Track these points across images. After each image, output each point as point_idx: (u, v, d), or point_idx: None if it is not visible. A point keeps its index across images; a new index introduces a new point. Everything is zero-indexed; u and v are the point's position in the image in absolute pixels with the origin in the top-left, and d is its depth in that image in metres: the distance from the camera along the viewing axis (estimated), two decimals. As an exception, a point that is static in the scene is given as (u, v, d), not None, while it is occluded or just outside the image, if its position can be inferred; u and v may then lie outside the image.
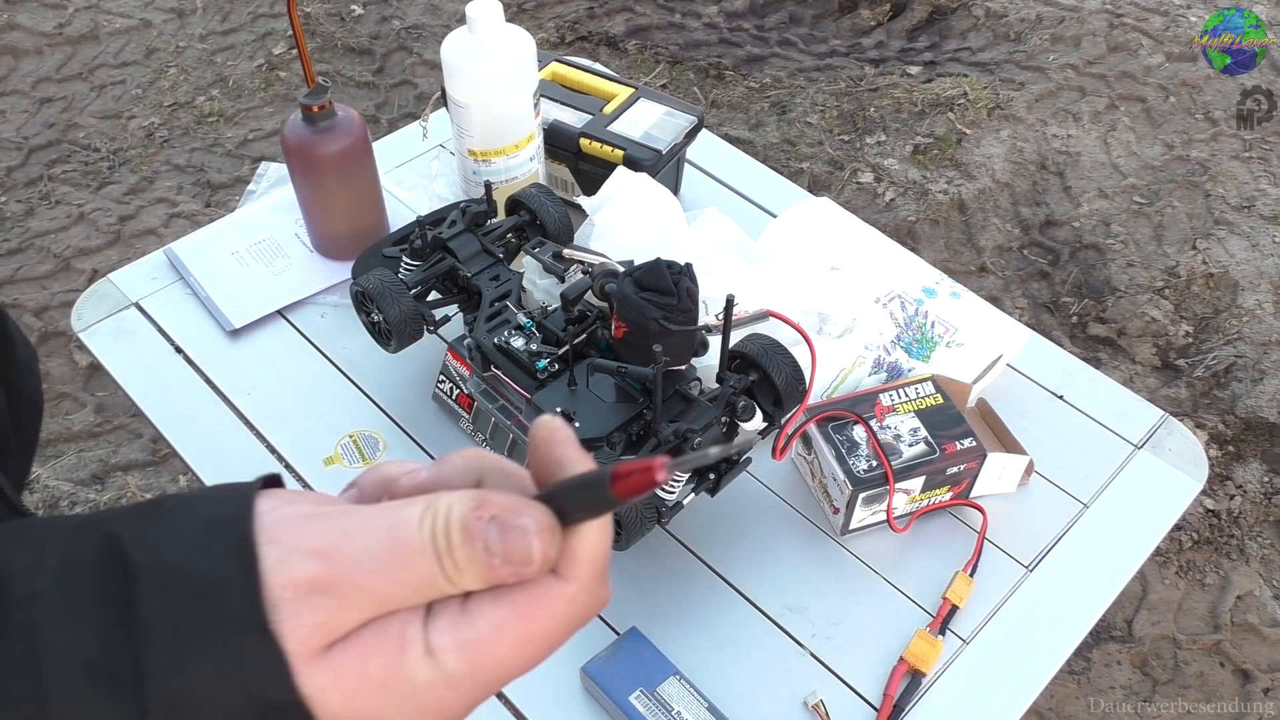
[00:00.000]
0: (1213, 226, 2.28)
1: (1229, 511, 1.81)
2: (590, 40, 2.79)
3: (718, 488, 0.79)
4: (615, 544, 0.74)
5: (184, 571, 0.32)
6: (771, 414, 0.82)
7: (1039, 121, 2.54)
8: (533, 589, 0.33)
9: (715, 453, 0.33)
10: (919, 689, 0.79)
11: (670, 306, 0.75)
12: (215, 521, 0.33)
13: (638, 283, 0.76)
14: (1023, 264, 2.24)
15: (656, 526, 0.83)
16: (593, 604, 0.35)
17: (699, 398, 0.78)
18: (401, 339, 0.88)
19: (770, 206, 1.19)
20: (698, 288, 0.77)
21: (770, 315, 0.86)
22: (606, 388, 0.79)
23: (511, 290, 0.89)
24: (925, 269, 1.05)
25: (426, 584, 0.32)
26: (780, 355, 0.81)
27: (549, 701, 0.78)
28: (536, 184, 0.99)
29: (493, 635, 0.33)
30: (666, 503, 0.76)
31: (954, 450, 0.85)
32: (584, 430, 0.77)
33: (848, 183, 2.40)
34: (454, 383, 0.94)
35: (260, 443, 0.96)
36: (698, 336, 0.78)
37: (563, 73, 1.20)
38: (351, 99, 2.61)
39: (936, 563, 0.87)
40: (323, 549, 0.32)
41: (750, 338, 0.83)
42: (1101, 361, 2.03)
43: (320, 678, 0.32)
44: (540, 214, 0.95)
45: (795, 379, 0.80)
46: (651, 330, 0.74)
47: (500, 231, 0.95)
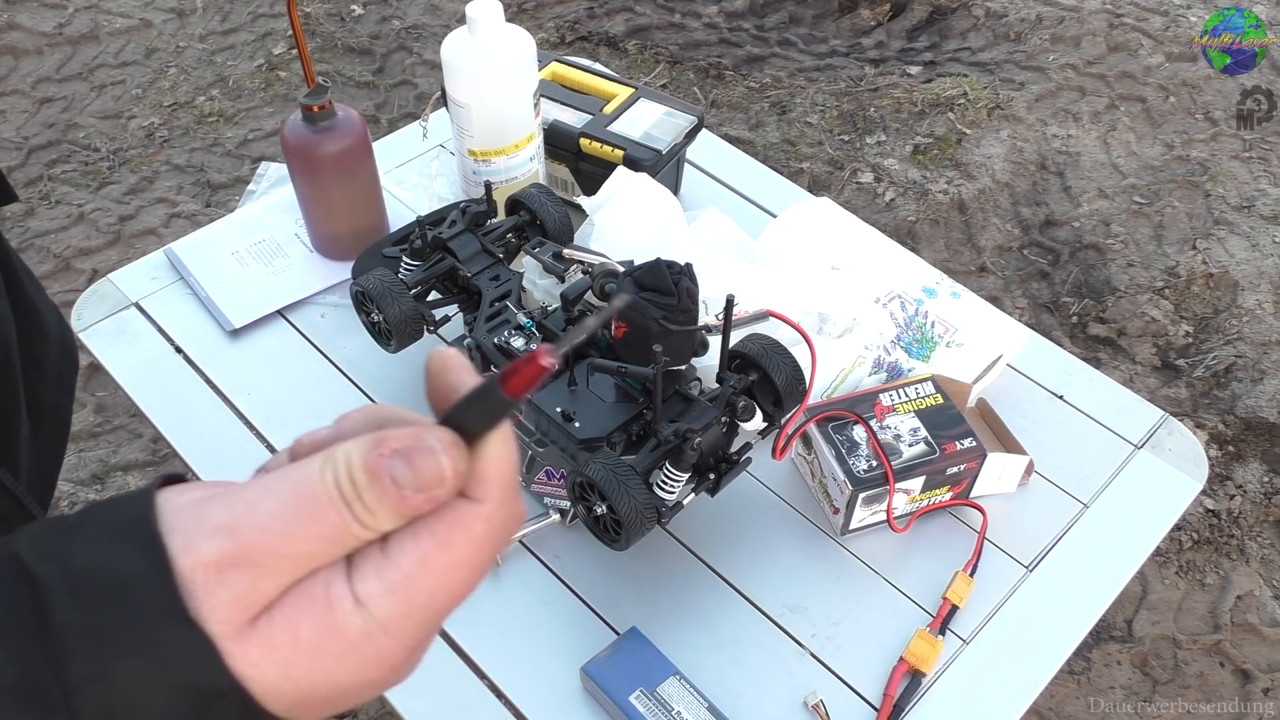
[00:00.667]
0: (1213, 226, 2.28)
1: (1229, 511, 1.81)
2: (590, 40, 2.79)
3: (718, 488, 0.79)
4: (614, 544, 0.74)
5: (94, 577, 0.31)
6: (771, 414, 0.82)
7: (1039, 121, 2.54)
8: (448, 515, 0.33)
9: (592, 324, 0.33)
10: (919, 689, 0.79)
11: (670, 306, 0.75)
12: (118, 524, 0.32)
13: (638, 283, 0.76)
14: (1023, 264, 2.24)
15: (656, 527, 0.83)
16: (510, 520, 0.34)
17: (699, 398, 0.78)
18: (402, 339, 0.88)
19: (770, 206, 1.19)
20: (698, 288, 0.77)
21: (770, 315, 0.86)
22: (606, 388, 0.79)
23: (511, 290, 0.89)
24: (925, 269, 1.05)
25: (341, 534, 0.32)
26: (780, 355, 0.81)
27: (549, 701, 0.78)
28: (536, 184, 0.99)
29: (418, 571, 0.32)
30: (666, 503, 0.75)
31: (954, 450, 0.85)
32: (584, 430, 0.76)
33: (848, 183, 2.41)
34: None
35: (260, 443, 0.96)
36: (698, 336, 0.78)
37: (563, 73, 1.20)
38: (351, 99, 2.61)
39: (936, 563, 0.87)
40: (226, 524, 0.31)
41: (750, 338, 0.83)
42: (1101, 361, 2.03)
43: (251, 654, 0.31)
44: (540, 214, 0.95)
45: (795, 379, 0.80)
46: (651, 330, 0.74)
47: (500, 231, 0.95)
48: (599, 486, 0.71)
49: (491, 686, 0.79)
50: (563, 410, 0.77)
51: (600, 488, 0.71)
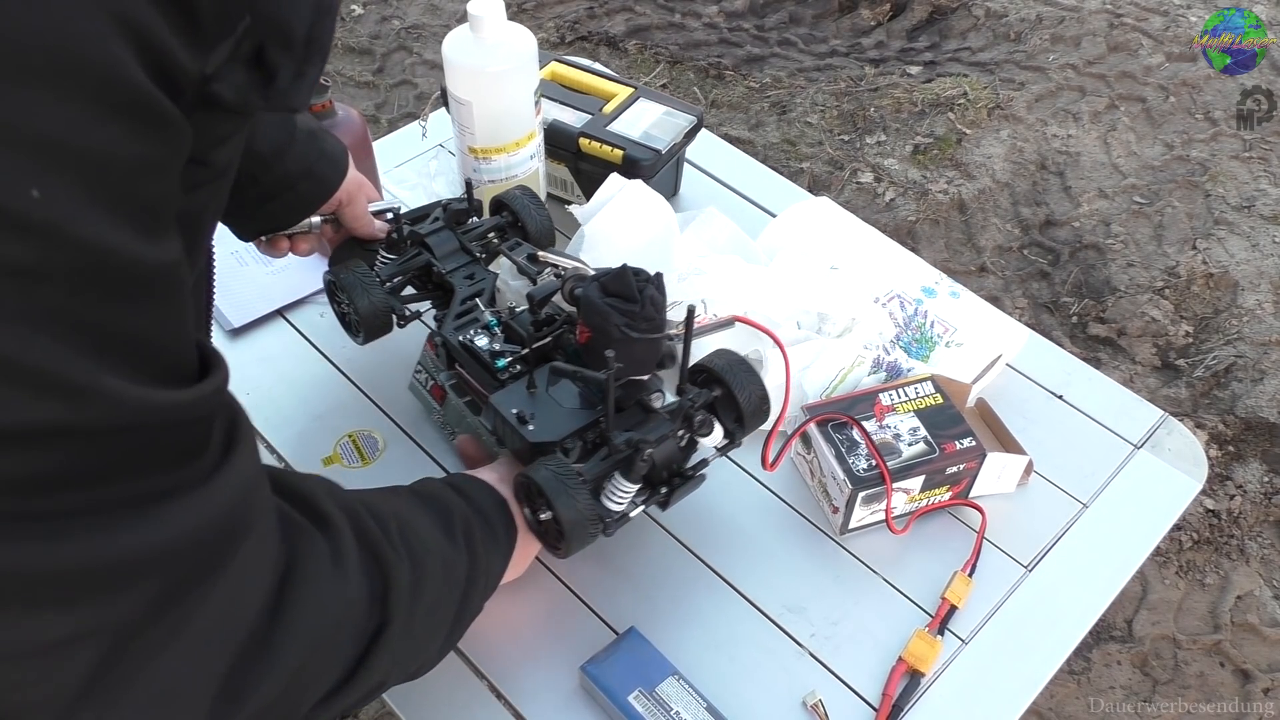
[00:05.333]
0: (1213, 226, 2.28)
1: (1229, 511, 1.81)
2: (590, 40, 2.79)
3: (669, 502, 0.78)
4: (556, 552, 0.73)
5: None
6: (733, 431, 0.80)
7: (1039, 121, 2.54)
8: None
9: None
10: (918, 689, 0.79)
11: (633, 314, 0.73)
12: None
13: (603, 288, 0.74)
14: (1023, 264, 2.24)
15: (656, 527, 0.83)
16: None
17: (659, 410, 0.76)
18: (370, 331, 0.88)
19: (770, 206, 1.19)
20: (664, 297, 0.75)
21: (737, 321, 0.85)
22: (570, 393, 0.78)
23: (485, 290, 0.88)
24: (925, 269, 1.05)
25: None
26: (746, 373, 0.79)
27: (548, 701, 0.78)
28: (521, 186, 0.99)
29: None
30: (612, 513, 0.74)
31: (953, 450, 0.85)
32: (537, 434, 0.74)
33: (848, 183, 2.41)
34: (429, 373, 0.94)
35: (260, 442, 0.96)
36: (664, 348, 0.76)
37: (562, 72, 1.20)
38: (351, 99, 2.61)
39: (935, 563, 0.86)
40: None
41: (718, 353, 0.81)
42: (1101, 361, 2.03)
43: None
44: (522, 215, 0.95)
45: (759, 398, 0.79)
46: (614, 337, 0.73)
47: (481, 231, 0.94)
48: (543, 491, 0.69)
49: (491, 686, 0.79)
50: (518, 412, 0.76)
51: (544, 492, 0.69)
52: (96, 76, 0.36)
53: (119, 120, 0.37)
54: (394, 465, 0.93)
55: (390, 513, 0.63)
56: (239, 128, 0.49)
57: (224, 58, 0.42)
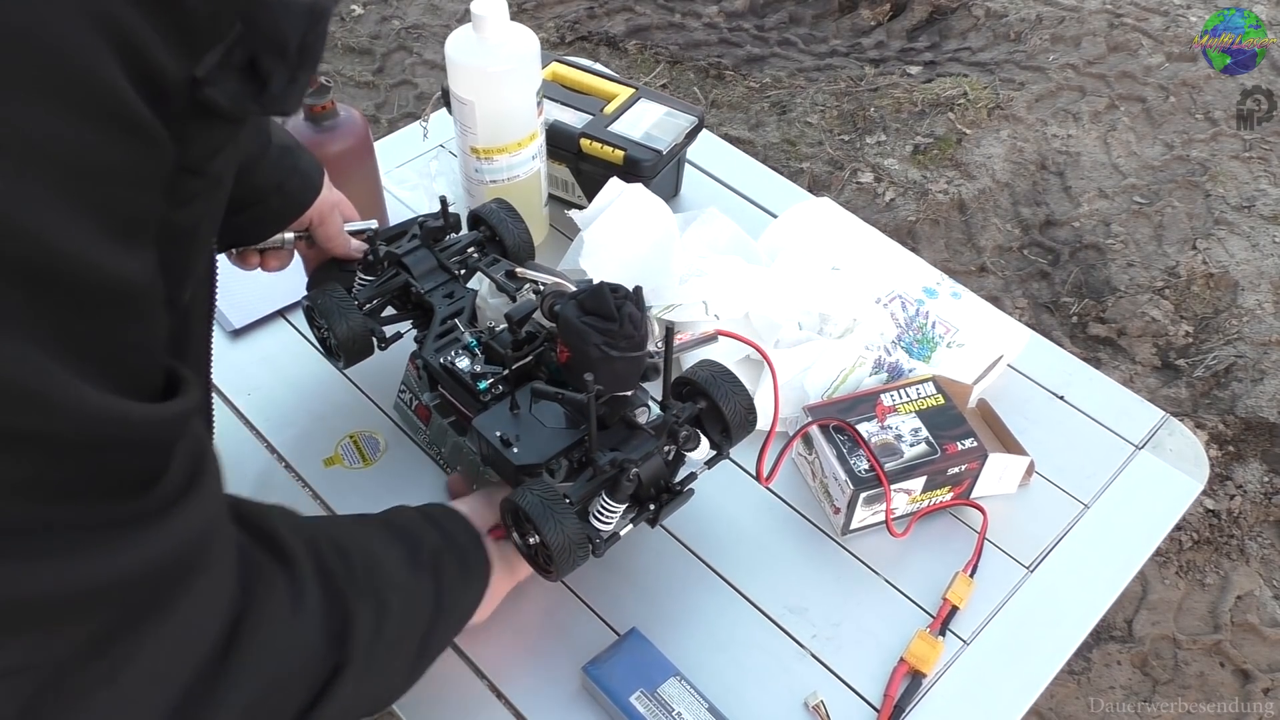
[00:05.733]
0: (1213, 226, 2.28)
1: (1229, 511, 1.81)
2: (590, 40, 2.79)
3: (658, 519, 0.77)
4: (547, 576, 0.72)
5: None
6: (720, 443, 0.80)
7: (1039, 121, 2.54)
8: None
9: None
10: (919, 690, 0.79)
11: (612, 332, 0.71)
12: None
13: (581, 306, 0.72)
14: (1023, 264, 2.24)
15: (654, 526, 0.83)
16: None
17: (643, 426, 0.75)
18: (350, 355, 0.86)
19: (770, 206, 1.19)
20: (644, 313, 0.74)
21: (720, 335, 0.84)
22: (553, 413, 0.76)
23: (465, 308, 0.87)
24: (926, 269, 1.05)
25: None
26: (730, 384, 0.78)
27: (549, 701, 0.78)
28: (498, 199, 0.97)
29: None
30: (601, 534, 0.73)
31: (955, 451, 0.85)
32: (521, 456, 0.73)
33: (848, 183, 2.41)
34: (413, 393, 0.92)
35: (260, 442, 0.95)
36: (646, 362, 0.75)
37: (563, 73, 1.20)
38: (352, 99, 2.61)
39: (937, 563, 0.87)
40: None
41: (701, 364, 0.80)
42: (1102, 361, 2.03)
43: None
44: (500, 230, 0.93)
45: (745, 409, 0.78)
46: (593, 356, 0.71)
47: (459, 247, 0.92)
48: (530, 517, 0.69)
49: (491, 687, 0.79)
50: (502, 435, 0.74)
51: (531, 518, 0.69)
52: (69, 76, 0.35)
53: (91, 123, 0.36)
54: (395, 466, 0.93)
55: (355, 547, 0.62)
56: (233, 135, 0.49)
57: (215, 64, 0.41)
